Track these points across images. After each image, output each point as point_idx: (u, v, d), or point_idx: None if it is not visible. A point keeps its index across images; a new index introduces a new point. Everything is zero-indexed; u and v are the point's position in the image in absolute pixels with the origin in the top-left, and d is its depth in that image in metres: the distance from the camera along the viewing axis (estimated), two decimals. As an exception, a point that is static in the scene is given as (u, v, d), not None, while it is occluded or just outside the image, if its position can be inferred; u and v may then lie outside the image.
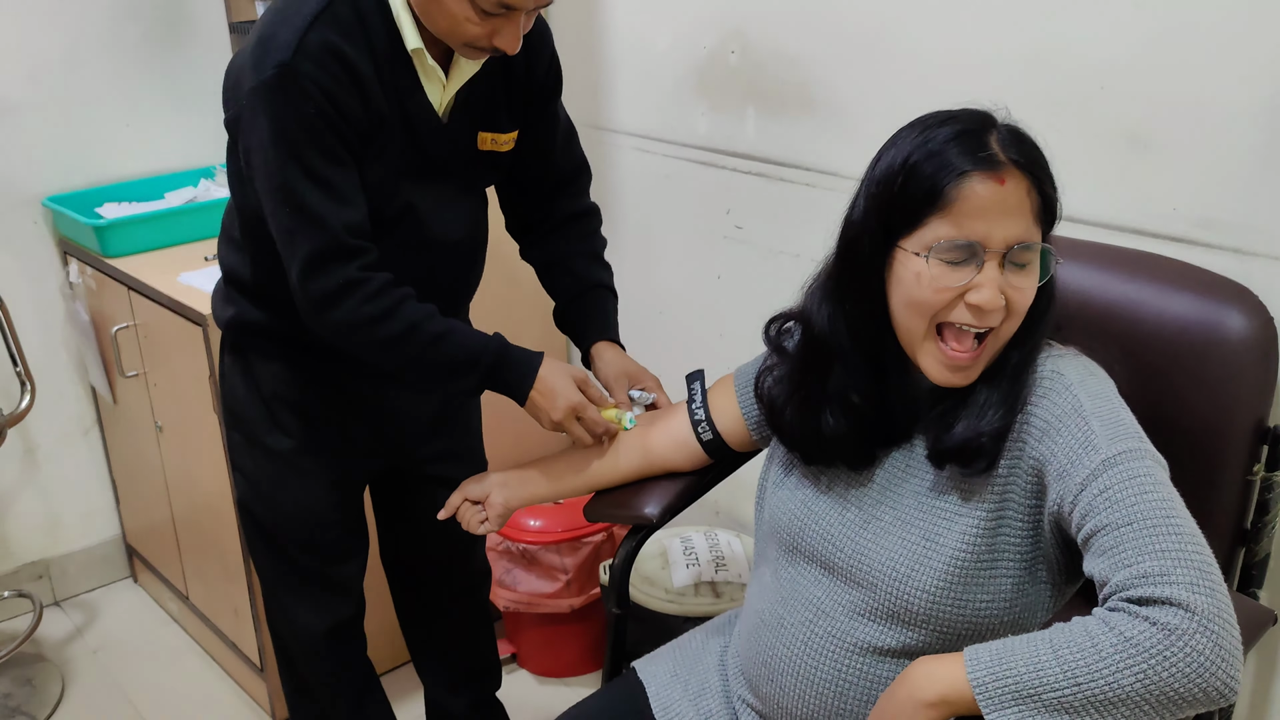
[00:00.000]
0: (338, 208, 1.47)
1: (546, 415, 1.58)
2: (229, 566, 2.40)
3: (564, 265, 1.76)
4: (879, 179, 1.19)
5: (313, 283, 1.48)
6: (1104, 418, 1.14)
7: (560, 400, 1.56)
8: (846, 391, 1.27)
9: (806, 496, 1.34)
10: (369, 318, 1.49)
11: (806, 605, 1.31)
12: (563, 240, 1.78)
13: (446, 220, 1.64)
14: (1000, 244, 1.15)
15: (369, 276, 1.49)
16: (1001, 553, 1.21)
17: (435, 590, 2.01)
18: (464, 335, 1.55)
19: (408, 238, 1.60)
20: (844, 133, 2.05)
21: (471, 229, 1.69)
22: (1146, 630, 0.99)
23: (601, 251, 1.81)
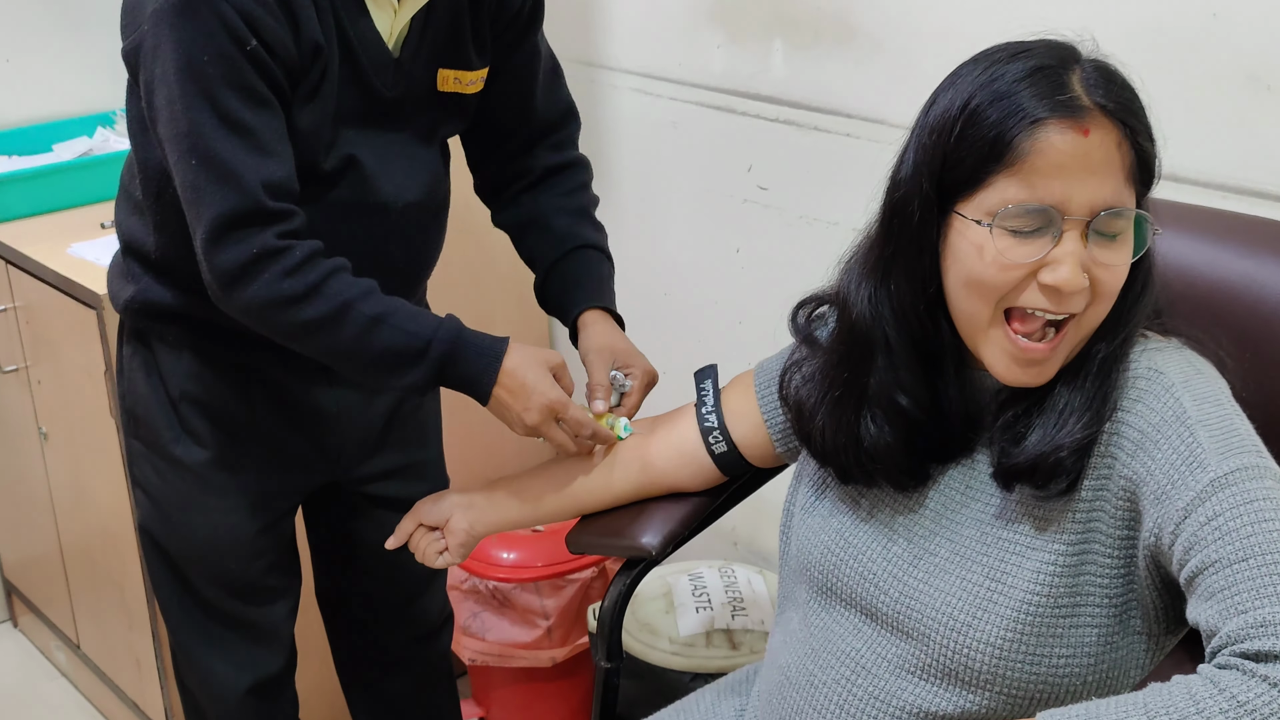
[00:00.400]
0: (257, 160, 1.47)
1: (516, 417, 1.57)
2: (130, 608, 2.40)
3: (542, 224, 1.77)
4: (933, 127, 1.20)
5: (221, 252, 1.47)
6: (1213, 427, 1.13)
7: (534, 397, 1.55)
8: (892, 392, 1.27)
9: (843, 525, 1.34)
10: (289, 296, 1.48)
11: (843, 660, 1.31)
12: (542, 196, 1.79)
13: (398, 177, 1.64)
14: (1083, 209, 1.15)
15: (290, 245, 1.49)
16: (1085, 596, 1.20)
17: (383, 639, 2.01)
18: (409, 317, 1.54)
19: (349, 199, 1.60)
20: (892, 70, 2.05)
21: (429, 188, 1.69)
22: (1265, 693, 0.99)
23: (591, 209, 1.81)
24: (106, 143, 2.70)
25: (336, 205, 1.59)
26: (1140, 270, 1.21)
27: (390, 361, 1.53)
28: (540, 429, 1.57)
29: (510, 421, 1.58)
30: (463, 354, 1.55)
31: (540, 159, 1.79)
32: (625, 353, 1.66)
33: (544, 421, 1.56)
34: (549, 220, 1.77)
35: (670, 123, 2.46)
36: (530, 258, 1.79)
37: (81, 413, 2.35)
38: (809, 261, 1.91)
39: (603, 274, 1.76)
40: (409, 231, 1.68)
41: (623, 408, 1.62)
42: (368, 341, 1.51)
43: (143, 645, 2.38)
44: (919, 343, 1.26)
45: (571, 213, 1.78)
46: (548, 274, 1.75)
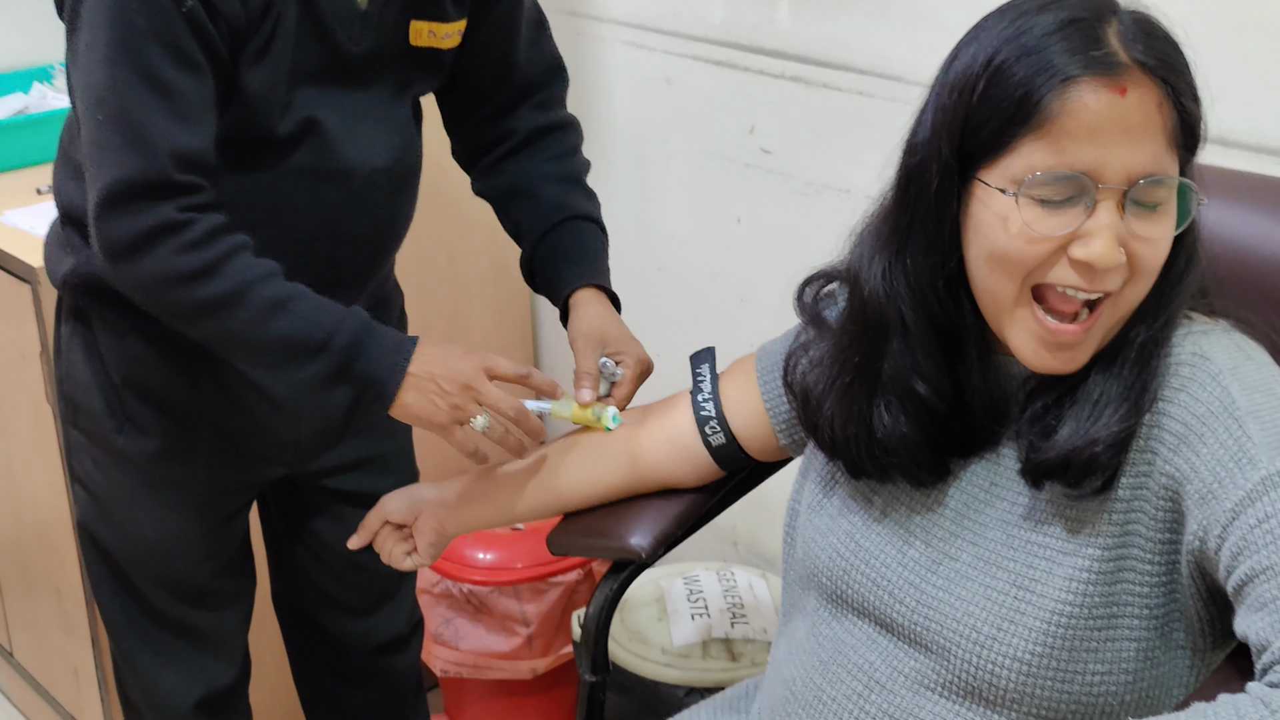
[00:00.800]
0: (173, 127, 1.47)
1: (432, 409, 1.53)
2: (67, 613, 2.40)
3: (528, 193, 1.77)
4: (953, 85, 1.19)
5: (113, 221, 1.47)
6: (1265, 418, 1.13)
7: (451, 375, 1.51)
8: (908, 378, 1.27)
9: (853, 526, 1.34)
10: (183, 272, 1.48)
11: (855, 674, 1.31)
12: (527, 161, 1.79)
13: (364, 141, 1.64)
14: (1119, 177, 1.14)
15: (191, 219, 1.48)
16: (1123, 606, 1.20)
17: (346, 648, 2.02)
18: (313, 306, 1.53)
19: (310, 165, 1.60)
20: (910, 22, 2.05)
21: (399, 153, 1.69)
22: (1321, 715, 0.98)
23: (583, 175, 1.82)
24: (44, 100, 2.71)
25: (295, 172, 1.59)
26: (1184, 245, 1.21)
27: (287, 351, 1.52)
28: (459, 411, 1.53)
29: (426, 418, 1.55)
30: (369, 349, 1.54)
31: (525, 120, 1.79)
32: (618, 338, 1.65)
33: (465, 404, 1.53)
34: (536, 188, 1.77)
35: (665, 79, 2.45)
36: (516, 230, 1.79)
37: (14, 398, 2.35)
38: (817, 233, 1.91)
39: (596, 247, 1.75)
40: (376, 200, 1.68)
41: (612, 398, 1.61)
42: (265, 327, 1.51)
43: (81, 654, 2.39)
44: (938, 324, 1.26)
45: (561, 180, 1.78)
46: (535, 248, 1.75)
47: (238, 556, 1.87)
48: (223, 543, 1.82)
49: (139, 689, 1.91)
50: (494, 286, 2.68)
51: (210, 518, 1.79)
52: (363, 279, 1.73)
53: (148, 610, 1.84)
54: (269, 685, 2.24)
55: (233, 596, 1.88)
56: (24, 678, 2.66)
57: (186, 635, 1.86)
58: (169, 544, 1.78)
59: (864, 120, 2.14)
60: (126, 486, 1.76)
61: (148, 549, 1.79)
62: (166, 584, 1.81)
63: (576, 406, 1.59)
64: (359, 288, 1.72)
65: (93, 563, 1.85)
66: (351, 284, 1.70)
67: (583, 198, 1.79)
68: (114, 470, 1.76)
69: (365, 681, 2.04)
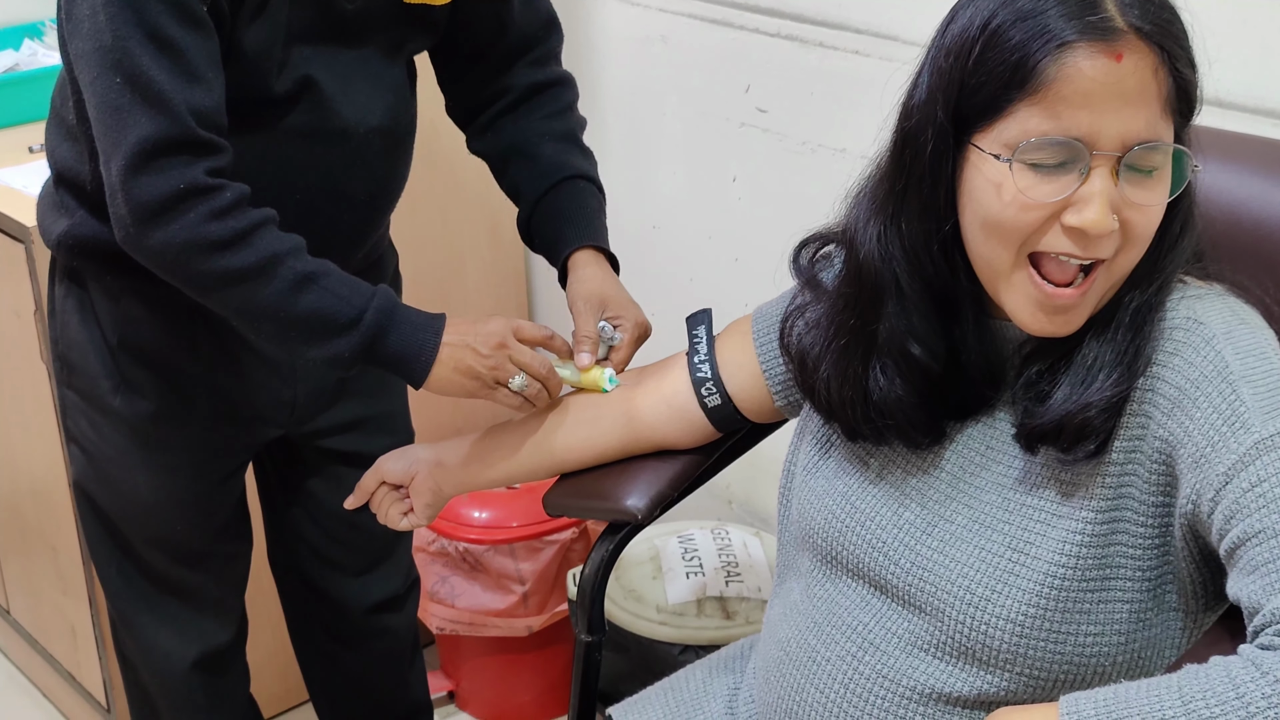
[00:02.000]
0: (185, 85, 1.45)
1: (471, 374, 1.54)
2: (64, 571, 2.40)
3: (527, 152, 1.76)
4: (949, 48, 1.19)
5: (144, 182, 1.45)
6: (1258, 382, 1.13)
7: (486, 337, 1.53)
8: (903, 341, 1.27)
9: (849, 488, 1.34)
10: (214, 240, 1.47)
11: (849, 635, 1.31)
12: (524, 119, 1.77)
13: (360, 100, 1.63)
14: (1113, 143, 1.14)
15: (221, 185, 1.47)
16: (1116, 569, 1.20)
17: (342, 608, 2.02)
18: (343, 282, 1.53)
19: (306, 125, 1.59)
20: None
21: (395, 112, 1.68)
22: (1312, 677, 0.99)
23: (579, 132, 1.81)
24: (35, 57, 2.67)
25: (292, 132, 1.58)
26: (1178, 210, 1.21)
27: (315, 326, 1.52)
28: (500, 370, 1.54)
29: (466, 386, 1.56)
30: (399, 327, 1.54)
31: (521, 77, 1.78)
32: (617, 301, 1.65)
33: (502, 364, 1.54)
34: (534, 148, 1.76)
35: (659, 37, 2.44)
36: (514, 190, 1.78)
37: (9, 358, 2.34)
38: (813, 192, 1.90)
39: (594, 208, 1.75)
40: (372, 159, 1.67)
41: (610, 362, 1.61)
42: (294, 301, 1.50)
43: (79, 612, 2.39)
44: (933, 287, 1.26)
45: (558, 138, 1.77)
46: (534, 208, 1.74)
47: (234, 518, 1.86)
48: (219, 504, 1.82)
49: (136, 648, 1.91)
50: (488, 247, 2.67)
51: (206, 479, 1.79)
52: (359, 240, 1.73)
53: (144, 570, 1.84)
54: (266, 645, 2.24)
55: (229, 558, 1.88)
56: (22, 636, 2.66)
57: (182, 595, 1.86)
58: (165, 505, 1.78)
59: (860, 80, 2.13)
60: (122, 447, 1.75)
61: (144, 509, 1.79)
62: (163, 544, 1.81)
63: (575, 369, 1.60)
64: (354, 248, 1.72)
65: (89, 523, 1.85)
66: (347, 244, 1.69)
67: (580, 156, 1.78)
68: (109, 431, 1.75)
69: (362, 641, 2.04)
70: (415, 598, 2.10)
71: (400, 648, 2.09)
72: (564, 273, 1.70)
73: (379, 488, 1.63)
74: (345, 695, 2.10)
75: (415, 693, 2.14)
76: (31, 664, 2.67)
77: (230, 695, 1.98)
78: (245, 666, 2.00)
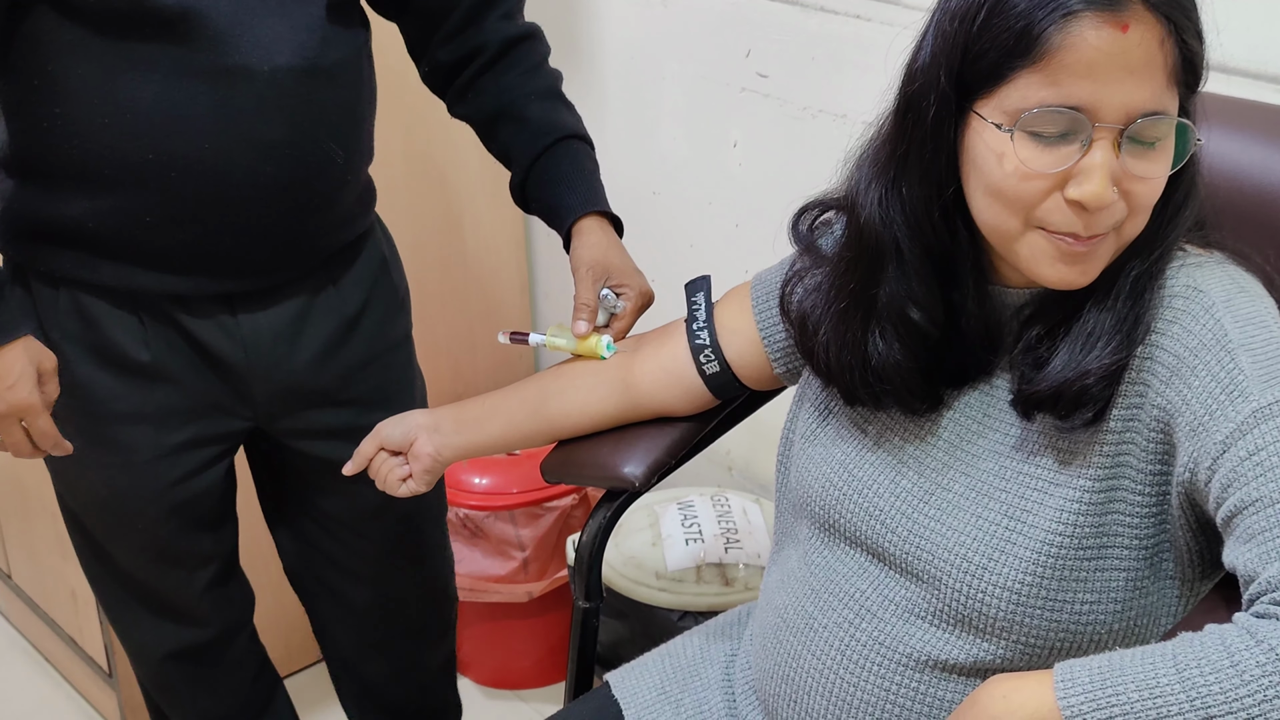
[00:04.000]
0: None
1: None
2: (63, 537, 2.34)
3: (513, 114, 1.72)
4: (954, 12, 1.18)
5: None
6: (1257, 351, 1.13)
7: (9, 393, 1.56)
8: (903, 305, 1.27)
9: (846, 455, 1.34)
10: None
11: (846, 602, 1.32)
12: (504, 76, 1.73)
13: (262, 36, 1.53)
14: (1117, 115, 1.13)
15: None
16: (1113, 537, 1.21)
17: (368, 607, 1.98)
18: None
19: (201, 64, 1.51)
20: (910, -55, 2.01)
21: (310, 50, 1.57)
22: (1308, 645, 0.99)
23: (559, 87, 1.76)
24: None
25: (188, 70, 1.50)
26: (1182, 179, 1.20)
27: None
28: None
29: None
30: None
31: (494, 31, 1.72)
32: (621, 269, 1.64)
33: (3, 418, 1.58)
34: (521, 108, 1.71)
35: (660, 1, 2.43)
36: (504, 153, 1.74)
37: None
38: (813, 158, 1.90)
39: (590, 169, 1.72)
40: (287, 103, 1.57)
41: (610, 329, 1.61)
42: None
43: (78, 576, 2.35)
44: (933, 251, 1.26)
45: (543, 95, 1.73)
46: (528, 172, 1.71)
47: (207, 517, 1.79)
48: (186, 500, 1.75)
49: (118, 633, 1.92)
50: (487, 209, 2.67)
51: (165, 475, 1.72)
52: (294, 197, 1.62)
53: (112, 567, 1.82)
54: (267, 608, 2.24)
55: (202, 558, 1.82)
56: (23, 600, 2.67)
57: (149, 598, 1.83)
58: (122, 502, 1.73)
59: (861, 44, 2.12)
60: (75, 446, 1.68)
61: (103, 506, 1.75)
62: (126, 541, 1.78)
63: (572, 337, 1.59)
64: (295, 208, 1.63)
65: (65, 516, 1.83)
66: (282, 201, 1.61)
67: (568, 113, 1.74)
68: (60, 429, 1.67)
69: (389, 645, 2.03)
70: (448, 583, 2.08)
71: (430, 652, 2.08)
72: (568, 238, 1.68)
73: (377, 453, 1.63)
74: (374, 698, 2.09)
75: (445, 695, 2.14)
76: (33, 628, 2.68)
77: (217, 684, 1.95)
78: (243, 655, 1.96)
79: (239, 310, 1.67)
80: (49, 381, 1.60)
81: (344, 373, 1.77)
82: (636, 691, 1.51)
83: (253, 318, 1.68)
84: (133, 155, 1.53)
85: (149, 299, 1.64)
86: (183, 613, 1.86)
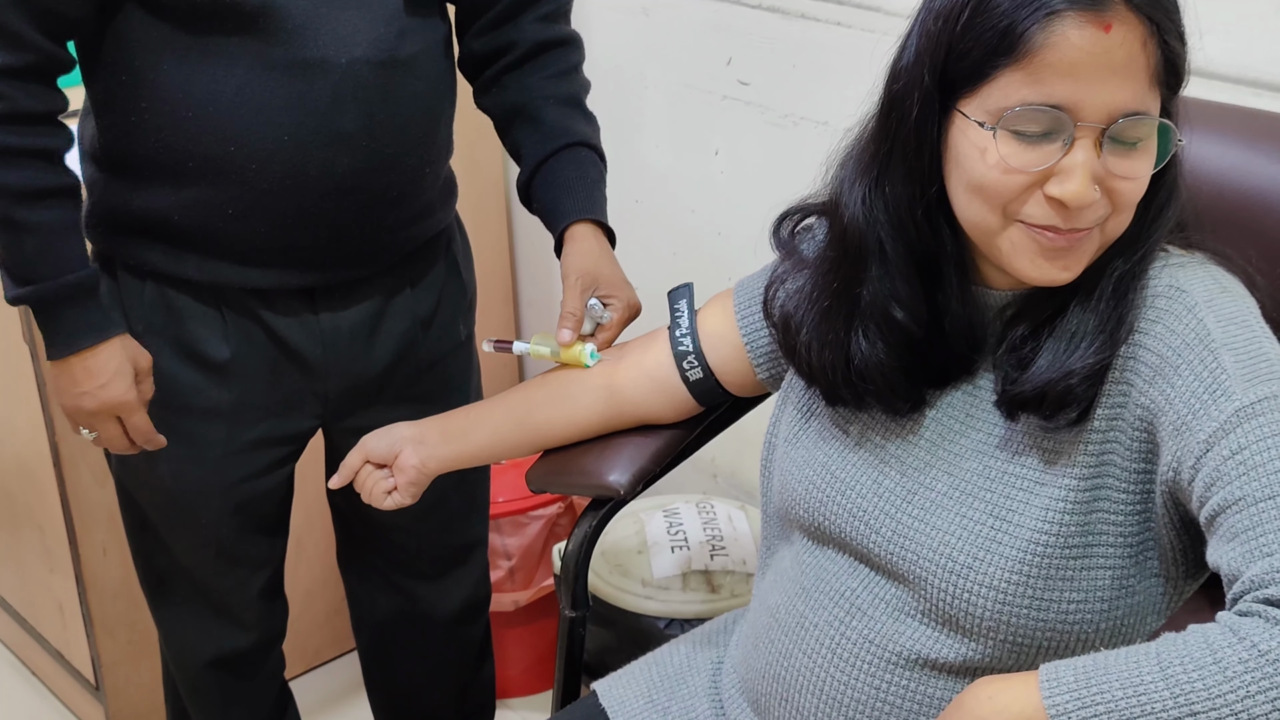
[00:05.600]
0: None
1: (74, 397, 1.61)
2: (51, 549, 2.40)
3: (530, 113, 1.73)
4: (939, 12, 1.18)
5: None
6: (1239, 350, 1.13)
7: (106, 391, 1.59)
8: (886, 304, 1.27)
9: (829, 456, 1.34)
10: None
11: (836, 600, 1.32)
12: (529, 77, 1.75)
13: (340, 29, 1.55)
14: (1099, 114, 1.14)
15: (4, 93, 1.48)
16: (1098, 536, 1.21)
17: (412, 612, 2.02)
18: (42, 247, 1.55)
19: (280, 54, 1.53)
20: (890, -48, 2.02)
21: (388, 42, 1.59)
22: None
23: (584, 96, 1.78)
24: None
25: (265, 61, 1.53)
26: (1164, 179, 1.20)
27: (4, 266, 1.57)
28: (93, 417, 1.62)
29: (61, 391, 1.62)
30: (55, 317, 1.57)
31: (528, 32, 1.74)
32: (610, 280, 1.64)
33: (100, 413, 1.61)
34: (538, 110, 1.73)
35: (642, 10, 2.44)
36: (516, 150, 1.76)
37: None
38: (795, 165, 1.89)
39: (594, 178, 1.73)
40: (365, 94, 1.58)
41: (595, 339, 1.60)
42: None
43: (66, 590, 2.38)
44: (916, 251, 1.26)
45: (563, 101, 1.74)
46: (534, 173, 1.72)
47: (270, 518, 1.82)
48: (250, 499, 1.78)
49: (162, 636, 1.92)
50: (472, 214, 2.64)
51: (234, 473, 1.75)
52: (371, 189, 1.64)
53: (171, 563, 1.83)
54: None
55: (258, 561, 1.85)
56: (10, 614, 2.66)
57: (205, 594, 1.85)
58: (189, 496, 1.75)
59: (842, 51, 2.12)
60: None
61: (169, 499, 1.77)
62: (189, 537, 1.79)
63: (557, 345, 1.59)
64: (371, 200, 1.65)
65: (125, 510, 1.84)
66: (358, 195, 1.63)
67: (584, 122, 1.75)
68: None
69: (429, 646, 2.06)
70: (487, 607, 2.10)
71: (468, 656, 2.10)
72: (560, 243, 1.68)
73: (363, 466, 1.62)
74: (405, 696, 2.11)
75: (478, 697, 2.14)
76: (20, 642, 2.67)
77: (250, 695, 1.97)
78: (275, 667, 1.99)
79: (320, 308, 1.70)
80: (145, 380, 1.62)
81: (412, 372, 1.80)
82: (624, 700, 1.51)
83: (333, 315, 1.71)
84: (214, 148, 1.55)
85: (232, 294, 1.66)
86: (234, 614, 1.88)
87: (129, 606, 2.34)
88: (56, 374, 1.61)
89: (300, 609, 2.23)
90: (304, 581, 2.45)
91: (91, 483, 2.25)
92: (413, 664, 2.08)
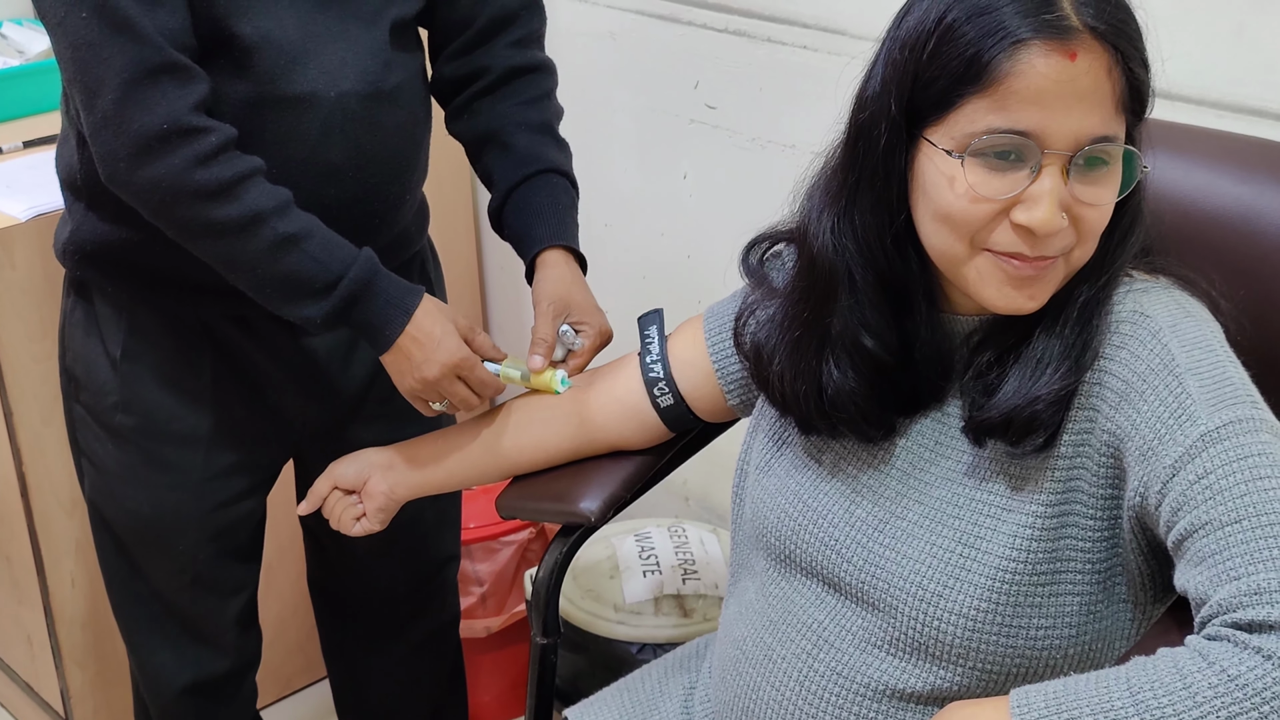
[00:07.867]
0: (148, 8, 1.43)
1: (414, 369, 1.56)
2: (19, 579, 2.37)
3: (501, 140, 1.74)
4: (904, 41, 1.19)
5: (131, 114, 1.43)
6: (1204, 375, 1.13)
7: (439, 351, 1.55)
8: (856, 333, 1.28)
9: (801, 485, 1.35)
10: (198, 189, 1.45)
11: (804, 632, 1.32)
12: (501, 103, 1.75)
13: (329, 64, 1.56)
14: (1065, 142, 1.14)
15: (207, 127, 1.45)
16: (1066, 561, 1.21)
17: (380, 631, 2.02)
18: (324, 245, 1.51)
19: (270, 89, 1.54)
20: (856, -24, 2.03)
21: (374, 75, 1.61)
22: (1258, 666, 0.99)
23: (555, 123, 1.78)
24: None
25: (256, 96, 1.53)
26: (1128, 206, 1.21)
27: (291, 288, 1.51)
28: (439, 384, 1.56)
29: (403, 373, 1.57)
30: (372, 298, 1.53)
31: (500, 57, 1.74)
32: (581, 306, 1.64)
33: (444, 377, 1.56)
34: (509, 136, 1.73)
35: (608, 34, 2.44)
36: (487, 177, 1.76)
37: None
38: (764, 188, 1.91)
39: (566, 204, 1.73)
40: (352, 129, 1.60)
41: (566, 365, 1.60)
42: (272, 261, 1.49)
43: (34, 622, 2.36)
44: (885, 279, 1.26)
45: (534, 128, 1.74)
46: (505, 199, 1.72)
47: (245, 544, 1.82)
48: (226, 525, 1.78)
49: (135, 663, 1.91)
50: (440, 240, 2.64)
51: (210, 499, 1.75)
52: (356, 217, 1.65)
53: (146, 588, 1.82)
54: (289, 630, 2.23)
55: (234, 586, 1.84)
56: (-25, 646, 2.64)
57: (181, 620, 1.84)
58: (166, 522, 1.75)
59: (809, 75, 2.12)
60: (125, 463, 1.72)
61: (145, 525, 1.76)
62: (165, 563, 1.78)
63: (527, 371, 1.59)
64: (357, 226, 1.64)
65: (98, 535, 1.83)
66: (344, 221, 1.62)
67: (554, 148, 1.75)
68: (112, 446, 1.73)
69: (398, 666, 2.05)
70: (458, 624, 2.11)
71: (440, 675, 2.10)
72: (531, 269, 1.68)
73: (331, 492, 1.62)
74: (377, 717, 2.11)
75: (452, 717, 2.15)
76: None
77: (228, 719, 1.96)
78: (249, 694, 1.98)
79: (299, 333, 1.70)
80: (472, 338, 1.59)
81: (385, 395, 1.78)
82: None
83: (310, 339, 1.72)
84: None
85: (212, 322, 1.65)
86: (210, 640, 1.87)
87: (98, 638, 2.32)
88: (392, 361, 1.57)
89: (272, 636, 2.21)
90: (275, 609, 2.44)
91: (59, 514, 2.23)
92: (386, 686, 2.08)
